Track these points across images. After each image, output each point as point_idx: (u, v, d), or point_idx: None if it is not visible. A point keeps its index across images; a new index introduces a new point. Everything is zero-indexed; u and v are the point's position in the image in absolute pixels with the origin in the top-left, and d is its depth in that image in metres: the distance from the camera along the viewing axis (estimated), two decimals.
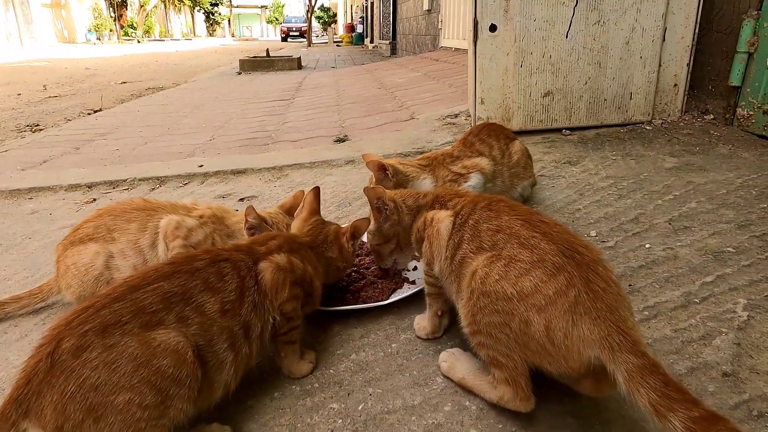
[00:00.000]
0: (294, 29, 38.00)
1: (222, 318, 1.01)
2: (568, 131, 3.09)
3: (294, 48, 22.62)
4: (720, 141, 2.79)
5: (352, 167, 2.94)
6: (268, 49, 11.55)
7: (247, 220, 1.50)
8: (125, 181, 2.94)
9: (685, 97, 3.13)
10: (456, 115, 3.59)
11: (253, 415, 1.10)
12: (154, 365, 0.89)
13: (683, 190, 2.16)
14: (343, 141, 3.53)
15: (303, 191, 1.67)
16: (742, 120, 2.86)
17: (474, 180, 1.85)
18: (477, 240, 1.07)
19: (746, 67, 2.80)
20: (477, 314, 1.00)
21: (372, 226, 1.41)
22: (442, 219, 1.18)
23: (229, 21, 60.87)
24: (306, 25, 37.36)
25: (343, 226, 1.43)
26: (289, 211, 1.67)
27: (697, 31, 2.97)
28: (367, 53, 16.65)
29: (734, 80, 2.85)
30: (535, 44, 2.92)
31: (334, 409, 1.10)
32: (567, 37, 2.91)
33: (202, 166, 3.10)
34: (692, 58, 3.03)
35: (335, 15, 49.69)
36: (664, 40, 2.96)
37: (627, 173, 2.43)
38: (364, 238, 1.51)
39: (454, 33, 8.64)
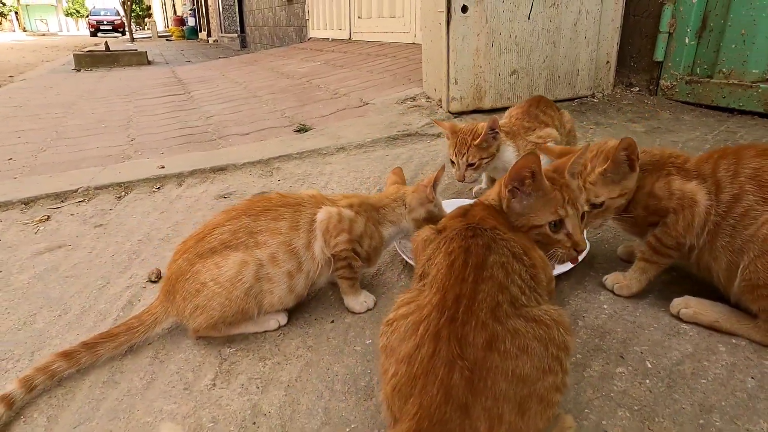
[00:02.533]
0: (105, 23, 33.73)
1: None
2: None
3: (115, 43, 20.09)
4: (657, 108, 3.25)
5: (346, 155, 2.77)
6: (107, 42, 10.15)
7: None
8: (76, 191, 2.39)
9: (614, 73, 3.57)
10: (414, 98, 3.59)
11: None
12: (555, 340, 0.79)
13: (677, 147, 2.49)
14: (306, 130, 3.30)
15: (400, 168, 1.63)
16: (666, 90, 3.37)
17: None
18: (765, 190, 1.07)
19: (667, 45, 3.31)
20: None
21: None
22: (696, 192, 1.16)
23: (17, 14, 51.33)
24: (119, 18, 33.45)
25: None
26: None
27: (623, 14, 3.40)
28: (211, 48, 15.56)
29: (659, 56, 3.34)
30: (503, 25, 3.06)
31: (624, 373, 1.07)
32: (529, 18, 3.11)
33: (163, 167, 2.65)
34: (620, 38, 3.47)
35: (150, 8, 45.36)
36: (601, 22, 3.34)
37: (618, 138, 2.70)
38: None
39: (327, 23, 8.55)
